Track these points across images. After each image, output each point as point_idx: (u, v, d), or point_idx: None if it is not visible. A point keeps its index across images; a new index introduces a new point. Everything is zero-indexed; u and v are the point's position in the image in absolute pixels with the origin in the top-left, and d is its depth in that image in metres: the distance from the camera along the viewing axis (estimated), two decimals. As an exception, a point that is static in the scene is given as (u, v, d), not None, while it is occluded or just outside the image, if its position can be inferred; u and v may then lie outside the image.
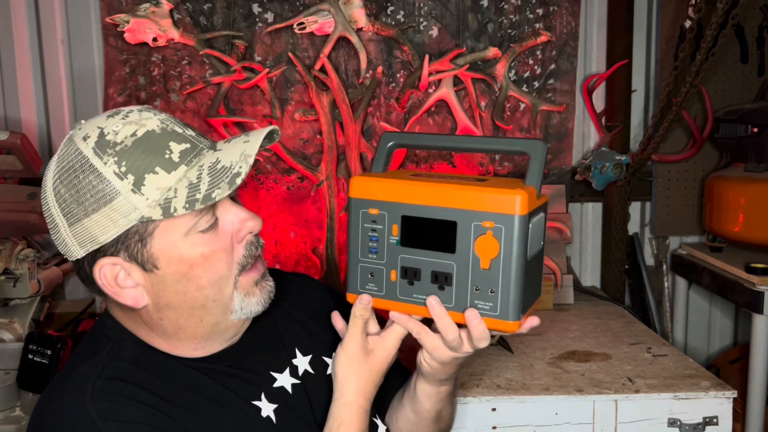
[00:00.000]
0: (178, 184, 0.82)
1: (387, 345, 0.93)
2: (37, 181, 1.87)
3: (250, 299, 0.90)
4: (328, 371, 1.02)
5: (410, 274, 0.88)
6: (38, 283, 1.77)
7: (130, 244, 0.83)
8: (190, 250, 0.84)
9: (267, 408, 0.92)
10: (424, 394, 1.00)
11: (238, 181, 0.81)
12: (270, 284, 0.93)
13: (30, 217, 1.73)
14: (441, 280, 0.86)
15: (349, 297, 0.94)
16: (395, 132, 0.97)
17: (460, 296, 0.86)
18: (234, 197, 0.91)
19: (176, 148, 0.83)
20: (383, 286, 0.90)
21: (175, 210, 0.81)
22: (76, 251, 0.85)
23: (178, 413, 0.83)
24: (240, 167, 0.82)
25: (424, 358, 0.94)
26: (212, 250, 0.86)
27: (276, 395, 0.94)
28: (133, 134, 0.82)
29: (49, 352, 1.46)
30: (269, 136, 0.88)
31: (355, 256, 0.92)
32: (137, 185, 0.81)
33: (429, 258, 0.87)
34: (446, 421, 1.08)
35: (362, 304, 0.91)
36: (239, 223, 0.88)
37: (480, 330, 0.85)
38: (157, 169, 0.81)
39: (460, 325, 0.87)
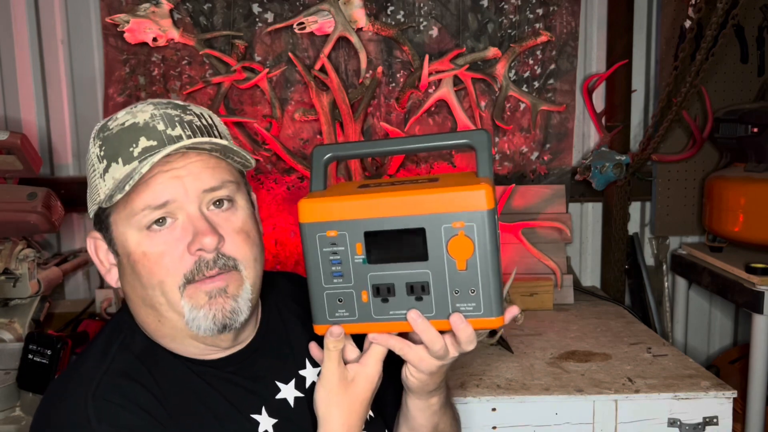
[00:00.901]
0: (123, 177, 0.83)
1: (368, 372, 0.88)
2: (37, 181, 1.88)
3: (198, 312, 0.85)
4: None
5: (383, 291, 0.83)
6: (38, 283, 1.77)
7: (101, 225, 0.89)
8: (135, 246, 0.85)
9: (266, 422, 0.91)
10: (416, 410, 0.96)
11: (126, 188, 0.81)
12: (229, 304, 0.86)
13: (30, 217, 1.73)
14: (417, 290, 0.82)
15: (318, 329, 0.87)
16: (328, 144, 0.90)
17: (440, 303, 0.82)
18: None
19: (143, 144, 0.84)
20: (355, 310, 0.85)
21: (102, 202, 0.85)
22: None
23: (173, 422, 0.83)
24: (135, 174, 0.81)
25: (410, 373, 0.90)
26: (155, 252, 0.84)
27: (277, 409, 0.93)
28: (123, 123, 0.86)
29: (49, 352, 1.46)
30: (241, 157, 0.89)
31: (318, 285, 0.85)
32: (104, 171, 0.85)
33: (401, 270, 0.82)
34: None
35: (333, 337, 0.86)
36: (192, 234, 0.84)
37: (467, 334, 0.82)
38: (119, 159, 0.84)
39: (444, 331, 0.84)
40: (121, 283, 0.90)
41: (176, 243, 0.84)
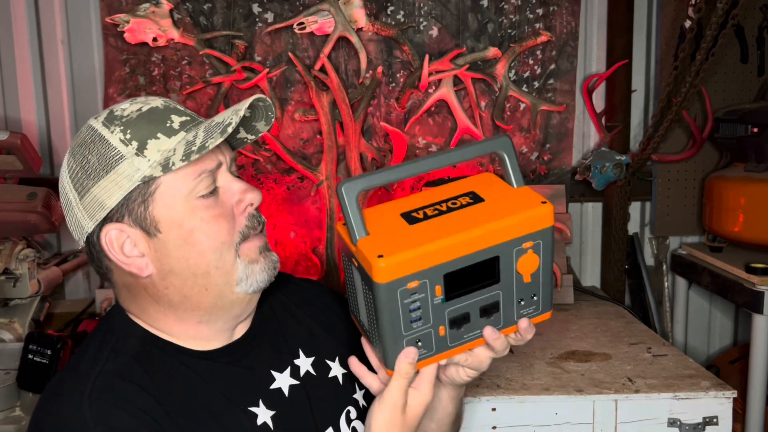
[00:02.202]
0: (177, 145, 0.86)
1: (424, 396, 0.89)
2: (37, 181, 1.88)
3: (254, 267, 0.91)
4: (330, 374, 1.02)
5: (459, 321, 0.85)
6: (38, 283, 1.77)
7: (134, 207, 0.87)
8: (190, 215, 0.87)
9: (264, 414, 0.92)
10: (448, 400, 0.99)
11: (229, 129, 0.84)
12: (274, 256, 0.94)
13: (30, 217, 1.73)
14: (489, 310, 0.85)
15: (391, 374, 0.86)
16: (353, 179, 0.82)
17: (508, 314, 0.86)
18: (237, 175, 0.94)
19: (177, 119, 0.89)
20: (432, 346, 0.85)
21: (173, 164, 0.84)
22: (86, 225, 0.88)
23: (171, 421, 0.84)
24: (231, 119, 0.85)
25: (465, 374, 0.92)
26: (212, 215, 0.88)
27: (273, 400, 0.94)
28: (139, 110, 0.89)
29: (49, 352, 1.46)
30: (267, 119, 0.95)
31: (397, 334, 0.82)
32: (140, 149, 0.86)
33: (475, 298, 0.84)
34: (459, 422, 1.08)
35: (409, 359, 0.84)
36: (239, 193, 0.91)
37: (531, 333, 0.89)
38: (159, 135, 0.87)
39: None
40: (158, 266, 0.88)
41: (224, 205, 0.90)
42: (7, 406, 1.51)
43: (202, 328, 0.92)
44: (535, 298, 0.86)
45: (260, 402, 0.92)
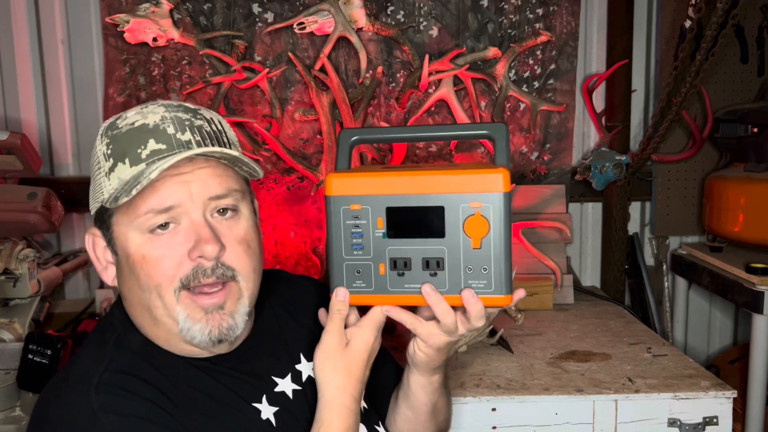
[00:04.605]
0: (130, 179, 0.83)
1: (364, 333, 0.90)
2: (37, 181, 1.88)
3: (193, 325, 0.86)
4: None
5: (400, 265, 0.87)
6: (38, 283, 1.77)
7: (101, 223, 0.89)
8: (135, 248, 0.85)
9: (267, 410, 0.92)
10: (418, 386, 0.99)
11: (134, 192, 0.81)
12: (226, 321, 0.87)
13: (30, 217, 1.73)
14: (432, 266, 0.86)
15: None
16: (355, 128, 0.95)
17: (453, 279, 0.86)
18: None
19: (151, 146, 0.84)
20: (372, 282, 0.89)
21: (105, 201, 0.85)
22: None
23: (178, 410, 0.84)
24: (143, 179, 0.81)
25: (418, 348, 0.93)
26: (155, 255, 0.84)
27: (277, 399, 0.94)
28: (133, 123, 0.87)
29: (49, 352, 1.46)
30: (223, 143, 0.88)
31: (339, 255, 0.89)
32: (110, 170, 0.86)
33: (418, 246, 0.86)
34: (443, 413, 1.08)
35: (339, 298, 0.89)
36: (194, 241, 0.84)
37: (477, 308, 0.86)
38: (126, 160, 0.85)
39: (454, 307, 0.88)
40: (119, 283, 0.91)
41: (177, 247, 0.85)
42: (7, 406, 1.51)
43: (180, 352, 0.90)
44: (485, 271, 0.85)
45: (263, 399, 0.92)
